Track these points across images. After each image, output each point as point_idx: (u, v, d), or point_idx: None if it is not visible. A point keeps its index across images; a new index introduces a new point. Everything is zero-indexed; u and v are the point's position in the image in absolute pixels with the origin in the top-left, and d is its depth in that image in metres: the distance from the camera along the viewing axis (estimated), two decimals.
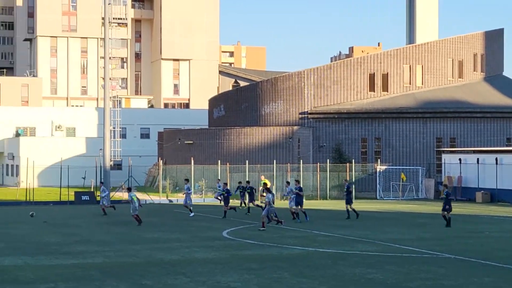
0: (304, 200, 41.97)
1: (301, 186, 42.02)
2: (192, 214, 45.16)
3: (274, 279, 20.63)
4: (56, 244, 29.51)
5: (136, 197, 39.59)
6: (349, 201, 42.38)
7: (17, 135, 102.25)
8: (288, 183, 45.32)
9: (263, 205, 38.64)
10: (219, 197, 50.37)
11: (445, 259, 24.96)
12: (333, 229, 35.76)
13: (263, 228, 34.94)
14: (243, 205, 50.71)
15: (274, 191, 43.41)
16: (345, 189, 43.46)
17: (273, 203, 36.49)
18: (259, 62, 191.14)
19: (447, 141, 78.73)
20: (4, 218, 45.19)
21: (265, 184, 42.17)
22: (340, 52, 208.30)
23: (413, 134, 78.64)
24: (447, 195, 37.87)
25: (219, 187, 52.40)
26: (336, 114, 78.67)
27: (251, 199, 49.14)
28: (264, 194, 37.09)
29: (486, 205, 58.43)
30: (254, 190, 50.52)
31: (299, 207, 40.33)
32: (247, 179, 56.55)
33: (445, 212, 37.15)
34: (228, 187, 47.16)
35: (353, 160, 71.13)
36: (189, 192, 47.01)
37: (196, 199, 61.39)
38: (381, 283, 20.03)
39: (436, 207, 51.29)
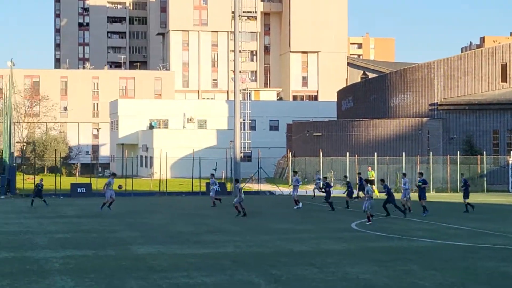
0: (434, 192, 41.37)
1: (425, 179, 41.41)
2: (296, 207, 44.74)
3: (404, 271, 20.56)
4: (188, 234, 30.18)
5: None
6: (466, 195, 41.87)
7: (151, 127, 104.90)
8: (404, 174, 44.82)
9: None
10: (321, 189, 49.08)
11: None
12: (463, 222, 35.26)
13: (370, 222, 34.29)
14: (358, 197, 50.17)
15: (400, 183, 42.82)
16: (462, 183, 43.06)
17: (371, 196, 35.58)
18: (388, 53, 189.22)
19: None
20: (139, 208, 46.56)
21: (365, 180, 41.73)
22: (471, 42, 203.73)
23: None
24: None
25: (319, 179, 51.81)
26: (467, 106, 77.18)
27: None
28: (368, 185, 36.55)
29: None
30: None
31: (422, 200, 39.78)
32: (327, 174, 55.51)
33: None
34: (328, 181, 46.52)
35: (484, 152, 69.70)
36: (297, 184, 46.74)
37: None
38: None
39: None
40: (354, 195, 48.97)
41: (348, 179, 47.21)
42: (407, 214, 38.99)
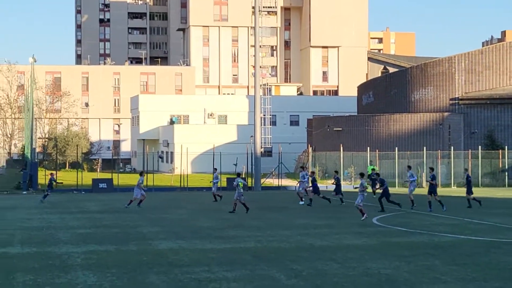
0: (455, 187, 41.19)
1: (435, 174, 41.00)
2: (301, 203, 44.59)
3: (425, 266, 20.51)
4: (209, 229, 30.26)
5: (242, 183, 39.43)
6: (469, 191, 41.65)
7: (171, 122, 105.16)
8: (409, 167, 44.61)
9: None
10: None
11: None
12: (485, 217, 35.10)
13: (364, 217, 33.87)
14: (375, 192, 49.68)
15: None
16: (464, 178, 43.06)
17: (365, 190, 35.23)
18: (408, 48, 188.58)
19: None
20: (160, 203, 46.71)
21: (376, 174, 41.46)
22: (492, 36, 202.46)
23: None
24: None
25: (303, 178, 49.05)
26: (488, 100, 76.82)
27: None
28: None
29: None
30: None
31: (434, 196, 39.34)
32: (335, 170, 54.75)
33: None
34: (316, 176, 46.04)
35: (506, 147, 69.35)
36: (304, 180, 46.01)
37: (345, 185, 61.42)
38: None
39: None
40: (369, 190, 48.32)
41: (338, 175, 46.37)
42: (413, 207, 39.25)
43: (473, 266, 20.47)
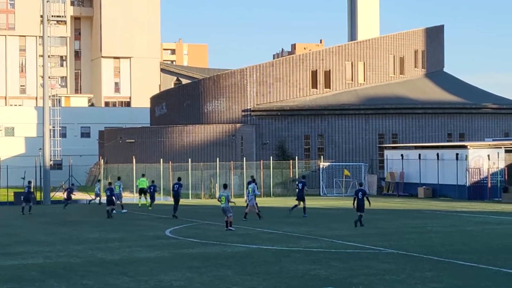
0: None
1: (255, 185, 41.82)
2: (94, 200, 44.93)
3: (217, 277, 20.43)
4: None
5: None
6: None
7: None
8: (253, 180, 45.13)
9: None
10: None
11: (388, 254, 24.98)
12: (277, 226, 35.63)
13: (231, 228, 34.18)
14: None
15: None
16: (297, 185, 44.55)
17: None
18: (201, 59, 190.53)
19: (389, 137, 79.26)
20: None
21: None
22: (282, 49, 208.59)
23: (356, 130, 78.99)
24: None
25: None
26: (279, 111, 78.70)
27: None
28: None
29: (428, 200, 58.97)
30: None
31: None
32: (152, 180, 55.38)
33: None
34: (113, 187, 46.50)
35: (297, 157, 71.22)
36: (97, 193, 47.27)
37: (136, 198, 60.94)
38: (325, 279, 19.93)
39: (380, 203, 51.61)
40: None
41: (112, 186, 46.37)
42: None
43: (264, 275, 20.55)
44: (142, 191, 52.44)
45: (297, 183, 45.48)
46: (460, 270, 21.50)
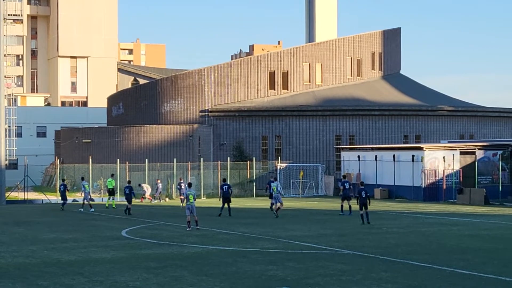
0: (205, 198, 41.81)
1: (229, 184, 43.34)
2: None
3: (174, 277, 20.40)
4: None
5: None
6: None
7: None
8: (275, 178, 46.52)
9: None
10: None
11: (344, 255, 25.14)
12: (234, 227, 35.65)
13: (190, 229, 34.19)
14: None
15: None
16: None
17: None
18: (159, 59, 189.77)
19: (346, 138, 79.67)
20: None
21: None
22: (240, 50, 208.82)
23: (313, 131, 79.29)
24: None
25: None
26: (237, 112, 78.72)
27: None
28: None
29: (384, 201, 59.37)
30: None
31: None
32: (128, 179, 55.03)
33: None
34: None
35: (254, 158, 71.30)
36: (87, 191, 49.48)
37: (96, 198, 60.64)
38: (281, 280, 19.99)
39: (336, 204, 51.83)
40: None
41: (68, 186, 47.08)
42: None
43: (221, 276, 20.56)
44: (110, 192, 52.09)
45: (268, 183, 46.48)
46: (415, 270, 21.72)
